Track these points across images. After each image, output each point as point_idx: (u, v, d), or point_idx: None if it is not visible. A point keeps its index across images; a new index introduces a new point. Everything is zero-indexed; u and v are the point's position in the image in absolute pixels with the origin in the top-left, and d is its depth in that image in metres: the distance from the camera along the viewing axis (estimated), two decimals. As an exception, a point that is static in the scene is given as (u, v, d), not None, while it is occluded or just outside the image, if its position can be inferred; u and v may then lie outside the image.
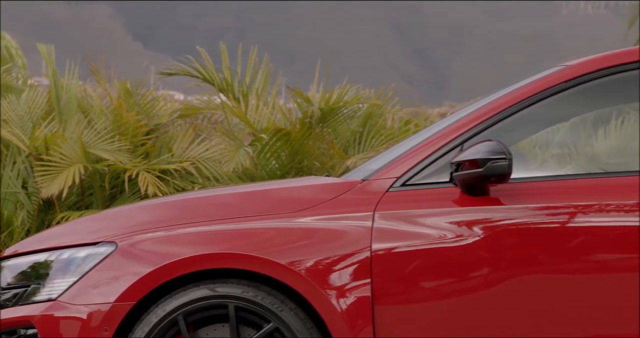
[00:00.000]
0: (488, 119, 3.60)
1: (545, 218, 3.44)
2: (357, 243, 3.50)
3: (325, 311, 3.47)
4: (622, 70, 3.57)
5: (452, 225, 3.48)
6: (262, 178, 7.33)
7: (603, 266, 3.40)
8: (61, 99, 7.51)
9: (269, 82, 7.73)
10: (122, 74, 7.77)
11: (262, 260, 3.50)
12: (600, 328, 3.39)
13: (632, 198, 3.40)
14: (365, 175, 3.67)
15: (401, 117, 7.96)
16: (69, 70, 7.66)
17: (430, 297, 3.46)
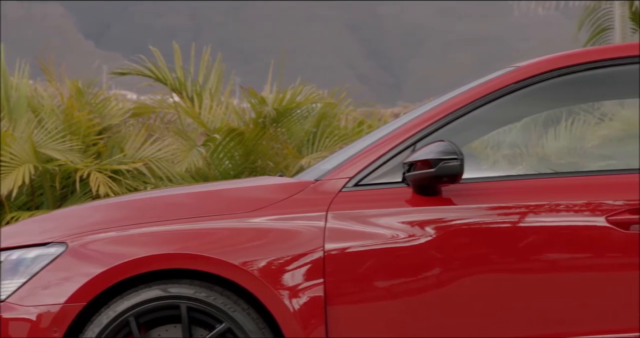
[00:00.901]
0: (440, 119, 3.61)
1: (496, 218, 3.46)
2: (309, 243, 3.50)
3: (277, 311, 3.47)
4: (571, 71, 3.61)
5: (404, 225, 3.49)
6: (215, 178, 7.31)
7: (553, 265, 3.43)
8: (11, 98, 7.44)
9: (223, 82, 7.72)
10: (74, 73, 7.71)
11: (215, 261, 3.49)
12: (551, 327, 3.42)
13: (581, 199, 3.44)
14: (318, 175, 3.67)
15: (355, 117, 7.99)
16: (19, 69, 7.59)
17: (382, 297, 3.47)
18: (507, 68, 3.77)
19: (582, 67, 3.60)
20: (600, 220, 3.42)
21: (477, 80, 3.77)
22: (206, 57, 7.53)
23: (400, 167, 3.57)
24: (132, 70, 7.43)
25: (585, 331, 3.41)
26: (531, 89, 3.62)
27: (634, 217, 3.42)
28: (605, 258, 3.42)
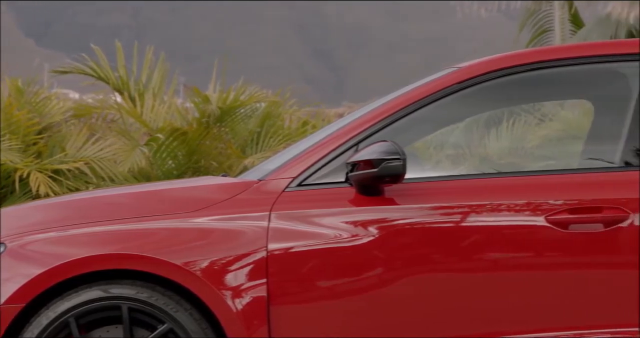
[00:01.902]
0: (383, 119, 3.63)
1: (438, 218, 3.48)
2: (253, 244, 3.49)
3: (220, 311, 3.46)
4: (512, 72, 3.64)
5: (347, 225, 3.50)
6: (158, 178, 7.27)
7: (494, 265, 3.45)
8: (-53, 96, 7.32)
9: (166, 82, 7.68)
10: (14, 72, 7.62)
11: (157, 261, 3.47)
12: (492, 326, 3.45)
13: (521, 198, 3.47)
14: (261, 175, 3.67)
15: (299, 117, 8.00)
16: (-43, 67, 7.47)
17: (325, 297, 3.47)
18: (449, 69, 3.80)
19: (522, 68, 3.64)
20: (540, 220, 3.45)
21: (420, 80, 3.79)
22: (149, 56, 7.48)
23: (344, 167, 3.57)
24: (74, 68, 7.36)
25: (525, 330, 3.44)
26: (473, 90, 3.65)
27: (573, 216, 3.46)
28: (544, 258, 3.46)
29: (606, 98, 3.79)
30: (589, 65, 3.66)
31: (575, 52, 3.68)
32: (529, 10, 13.25)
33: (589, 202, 3.46)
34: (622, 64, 3.66)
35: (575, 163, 3.93)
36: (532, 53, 3.72)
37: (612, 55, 3.65)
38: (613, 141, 3.57)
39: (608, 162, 3.58)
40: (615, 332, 3.42)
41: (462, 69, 3.69)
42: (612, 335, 3.42)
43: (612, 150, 3.57)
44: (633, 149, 3.54)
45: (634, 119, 3.56)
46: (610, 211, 3.45)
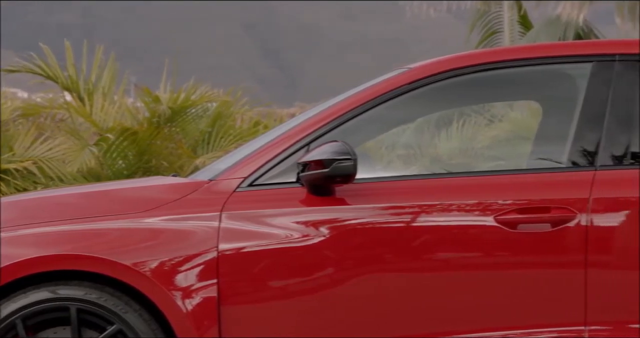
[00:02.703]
0: (334, 119, 3.63)
1: (389, 218, 3.49)
2: (203, 244, 3.48)
3: (170, 312, 3.44)
4: (461, 73, 3.67)
5: (298, 225, 3.50)
6: (108, 178, 7.22)
7: (445, 265, 3.48)
8: None
9: (116, 81, 7.63)
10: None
11: (106, 262, 3.44)
12: (442, 325, 3.47)
13: (472, 198, 3.49)
14: (212, 175, 3.66)
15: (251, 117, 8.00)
16: None
17: (276, 297, 3.47)
18: (400, 69, 3.81)
19: (472, 69, 3.67)
20: (489, 220, 3.48)
21: (371, 81, 3.80)
22: (99, 55, 7.43)
23: (295, 167, 3.58)
24: (22, 67, 7.28)
25: (475, 329, 3.46)
26: (424, 90, 3.67)
27: (521, 216, 3.49)
28: (493, 257, 3.48)
29: (554, 99, 3.83)
30: (537, 67, 3.69)
31: (523, 53, 3.71)
32: (478, 11, 13.35)
33: (537, 202, 3.49)
34: (569, 66, 3.70)
35: (524, 163, 3.96)
36: (481, 54, 3.75)
37: (559, 56, 3.69)
38: (560, 142, 3.61)
39: (556, 162, 3.62)
40: (562, 331, 3.46)
41: (413, 69, 3.71)
42: (559, 334, 3.46)
43: (559, 151, 3.61)
44: (580, 149, 3.58)
45: (581, 119, 3.60)
46: (558, 211, 3.48)
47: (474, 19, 13.38)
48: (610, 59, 3.62)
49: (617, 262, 3.46)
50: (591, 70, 3.62)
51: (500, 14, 13.38)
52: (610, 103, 3.59)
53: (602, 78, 3.61)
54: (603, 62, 3.62)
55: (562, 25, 12.59)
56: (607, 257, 3.46)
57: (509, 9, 13.31)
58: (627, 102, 3.59)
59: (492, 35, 13.44)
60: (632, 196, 3.49)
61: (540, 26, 12.99)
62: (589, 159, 3.56)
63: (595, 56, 3.64)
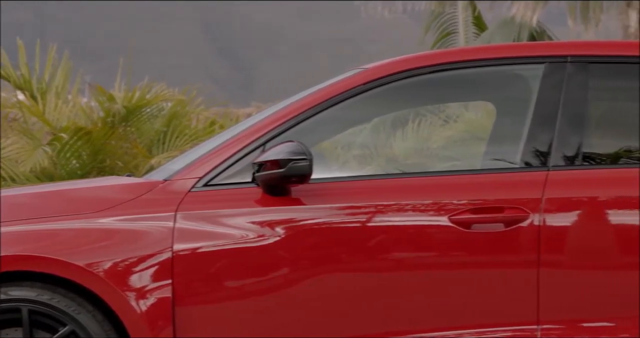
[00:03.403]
0: (290, 119, 3.63)
1: (345, 218, 3.50)
2: (158, 244, 3.47)
3: (124, 313, 3.43)
4: (416, 74, 3.68)
5: (253, 225, 3.49)
6: (61, 178, 7.17)
7: (400, 264, 3.49)
8: None
9: (70, 80, 7.57)
10: None
11: (58, 262, 3.42)
12: (398, 325, 3.48)
13: (427, 198, 3.51)
14: (167, 175, 3.64)
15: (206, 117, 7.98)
16: None
17: (232, 297, 3.46)
18: (355, 69, 3.82)
19: (427, 70, 3.68)
20: (444, 220, 3.50)
21: (327, 81, 3.81)
22: (52, 54, 7.37)
23: (251, 167, 3.57)
24: (-27, 66, 7.19)
25: (430, 328, 3.48)
26: (379, 91, 3.68)
27: (475, 216, 3.51)
28: (448, 257, 3.50)
29: (507, 100, 3.86)
30: (490, 68, 3.72)
31: (477, 54, 3.74)
32: (433, 12, 13.43)
33: (491, 202, 3.52)
34: (522, 67, 3.73)
35: (479, 163, 3.99)
36: (436, 55, 3.77)
37: (512, 57, 3.72)
38: (514, 142, 3.64)
39: (509, 162, 3.65)
40: (516, 330, 3.48)
41: (369, 70, 3.72)
42: (513, 333, 3.48)
43: (513, 151, 3.64)
44: (533, 150, 3.61)
45: (534, 120, 3.63)
46: (511, 211, 3.51)
47: (429, 20, 13.47)
48: (562, 60, 3.66)
49: (569, 262, 3.49)
50: (544, 72, 3.65)
51: (455, 15, 13.47)
52: (562, 104, 3.62)
53: (554, 79, 3.64)
54: (555, 64, 3.65)
55: (516, 27, 12.70)
56: (559, 256, 3.50)
57: (463, 10, 13.40)
58: (578, 103, 3.63)
59: (447, 36, 13.53)
60: (584, 196, 3.53)
61: (495, 27, 13.09)
62: (542, 159, 3.59)
63: (547, 57, 3.67)
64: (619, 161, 3.63)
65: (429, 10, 13.42)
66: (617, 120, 3.77)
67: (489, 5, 13.11)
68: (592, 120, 3.66)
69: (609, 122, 3.76)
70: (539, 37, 12.89)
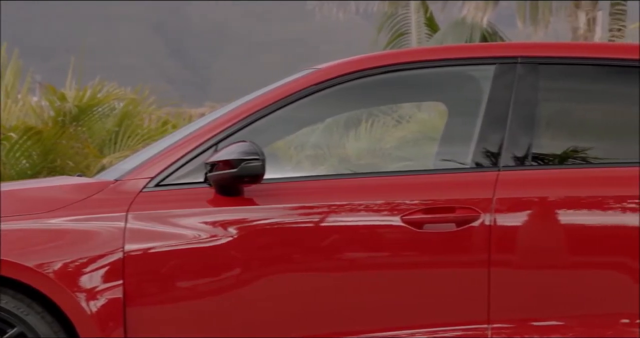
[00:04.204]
0: (243, 119, 3.63)
1: (298, 218, 3.50)
2: (109, 245, 3.44)
3: (74, 314, 3.40)
4: (368, 74, 3.69)
5: (206, 225, 3.48)
6: (11, 178, 7.09)
7: (352, 264, 3.49)
8: None
9: (20, 79, 7.49)
10: None
11: (7, 263, 3.38)
12: (352, 325, 3.48)
13: (379, 199, 3.52)
14: (118, 175, 3.62)
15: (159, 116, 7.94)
16: None
17: (183, 298, 3.45)
18: (308, 70, 3.83)
19: (379, 70, 3.69)
20: (396, 220, 3.51)
21: (280, 81, 3.81)
22: (1, 53, 7.28)
23: (203, 167, 3.56)
24: None
25: (382, 328, 3.49)
26: (332, 91, 3.69)
27: (427, 216, 3.53)
28: (400, 257, 3.51)
29: (459, 100, 3.89)
30: (442, 68, 3.74)
31: (429, 55, 3.76)
32: (386, 13, 13.49)
33: (443, 202, 3.53)
34: (474, 67, 3.75)
35: (431, 164, 4.01)
36: (389, 55, 3.79)
37: (464, 58, 3.74)
38: (465, 142, 3.66)
39: (461, 163, 3.67)
40: (467, 329, 3.50)
41: (321, 70, 3.72)
42: (464, 333, 3.50)
43: (464, 152, 3.66)
44: (484, 150, 3.64)
45: (484, 121, 3.65)
46: (463, 211, 3.53)
47: (382, 20, 13.52)
48: (512, 61, 3.69)
49: (520, 261, 3.52)
50: (494, 72, 3.68)
51: (408, 16, 13.54)
52: (513, 105, 3.65)
53: (504, 80, 3.67)
54: (505, 65, 3.68)
55: (468, 28, 12.79)
56: (509, 256, 3.52)
57: (415, 11, 13.48)
58: (529, 104, 3.66)
59: (399, 36, 13.59)
60: (534, 196, 3.56)
61: (447, 28, 13.17)
62: (493, 159, 3.61)
63: (498, 58, 3.70)
64: (568, 161, 3.66)
65: (382, 11, 13.48)
66: (566, 121, 3.81)
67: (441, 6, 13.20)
68: (542, 121, 3.70)
69: (559, 122, 3.80)
70: (491, 38, 12.99)
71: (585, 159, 3.66)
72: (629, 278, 3.48)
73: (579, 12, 12.61)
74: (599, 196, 3.53)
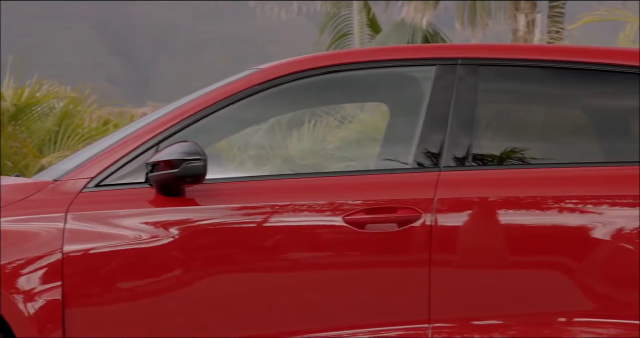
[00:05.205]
0: (184, 119, 3.61)
1: (240, 219, 3.49)
2: (47, 245, 3.41)
3: (11, 315, 3.35)
4: (310, 74, 3.69)
5: (146, 225, 3.46)
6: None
7: (295, 265, 3.49)
8: None
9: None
10: None
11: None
12: (294, 325, 3.48)
13: (322, 199, 3.52)
14: (57, 176, 3.58)
15: (100, 116, 7.88)
16: None
17: (124, 299, 3.42)
18: (251, 70, 3.82)
19: (321, 71, 3.70)
20: (338, 220, 3.51)
21: (222, 81, 3.79)
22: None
23: (144, 168, 3.53)
24: None
25: (325, 328, 3.49)
26: (275, 91, 3.68)
27: (369, 216, 3.54)
28: (342, 257, 3.52)
29: (400, 101, 3.90)
30: (384, 69, 3.75)
31: (371, 56, 3.77)
32: (328, 14, 13.54)
33: (385, 203, 3.55)
34: (415, 68, 3.77)
35: (373, 164, 4.02)
36: (331, 56, 3.79)
37: (405, 59, 3.76)
38: (407, 143, 3.68)
39: (402, 163, 3.69)
40: (408, 329, 3.52)
41: (264, 70, 3.72)
42: (405, 332, 3.52)
43: (406, 152, 3.67)
44: (425, 151, 3.66)
45: (426, 122, 3.67)
46: (404, 211, 3.54)
47: (324, 21, 13.57)
48: (452, 62, 3.71)
49: (460, 261, 3.55)
50: (435, 74, 3.70)
51: (350, 16, 13.60)
52: (453, 106, 3.67)
53: (445, 81, 3.69)
54: (446, 66, 3.70)
55: (410, 29, 12.89)
56: (450, 256, 3.54)
57: (358, 12, 13.55)
58: (469, 105, 3.68)
59: (342, 37, 13.65)
60: (475, 196, 3.59)
61: (389, 29, 13.26)
62: (434, 160, 3.64)
63: (438, 60, 3.72)
64: (508, 162, 3.70)
65: (325, 12, 13.52)
66: (506, 122, 3.85)
67: (383, 7, 13.28)
68: (483, 122, 3.73)
69: (499, 123, 3.83)
70: (432, 40, 13.09)
71: (524, 159, 3.70)
72: (566, 277, 3.52)
73: (518, 14, 12.77)
74: (538, 196, 3.56)
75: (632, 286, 3.51)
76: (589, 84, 3.73)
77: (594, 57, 3.72)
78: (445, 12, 13.23)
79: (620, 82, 3.71)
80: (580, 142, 3.77)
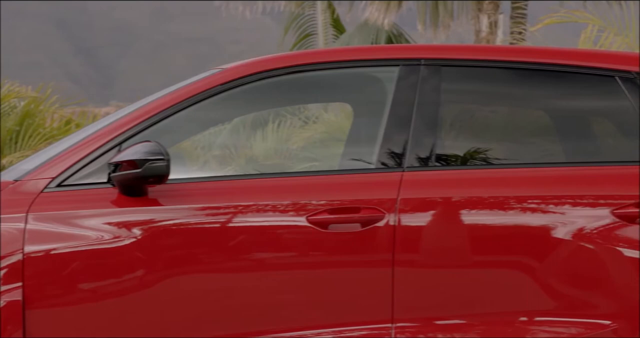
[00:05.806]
0: (147, 119, 3.59)
1: (203, 219, 3.48)
2: (7, 246, 3.38)
3: (-29, 317, 3.32)
4: (274, 74, 3.69)
5: (109, 226, 3.44)
6: None
7: (259, 265, 3.49)
8: None
9: None
10: None
11: None
12: (258, 325, 3.48)
13: (286, 199, 3.52)
14: (18, 176, 3.55)
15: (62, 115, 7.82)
16: None
17: (86, 300, 3.40)
18: (214, 69, 3.81)
19: (285, 71, 3.70)
20: (302, 220, 3.51)
21: (186, 80, 3.78)
22: None
23: (107, 168, 3.51)
24: None
25: (289, 328, 3.49)
26: (238, 91, 3.68)
27: (332, 216, 3.54)
28: (306, 257, 3.52)
29: (364, 101, 3.91)
30: (348, 69, 3.76)
31: (334, 56, 3.77)
32: (292, 13, 13.55)
33: (348, 203, 3.55)
34: (378, 69, 3.78)
35: (337, 164, 4.02)
36: (295, 56, 3.79)
37: (369, 60, 3.77)
38: (370, 143, 3.68)
39: (366, 163, 3.69)
40: (371, 329, 3.53)
41: (227, 70, 3.71)
42: (369, 332, 3.52)
43: (369, 152, 3.68)
44: (388, 151, 3.67)
45: (389, 122, 3.68)
46: (367, 211, 3.55)
47: (289, 21, 13.58)
48: (415, 63, 3.73)
49: (423, 261, 3.56)
50: (398, 74, 3.71)
51: (314, 16, 13.62)
52: (417, 106, 3.68)
53: (408, 82, 3.70)
54: (409, 66, 3.72)
55: (374, 29, 12.92)
56: (413, 256, 3.55)
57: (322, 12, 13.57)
58: (432, 105, 3.70)
59: (306, 37, 13.66)
60: (438, 196, 3.60)
61: (354, 29, 13.29)
62: (397, 160, 3.65)
63: (401, 60, 3.73)
64: (471, 162, 3.71)
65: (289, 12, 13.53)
66: (469, 122, 3.87)
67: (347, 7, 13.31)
68: (446, 122, 3.74)
69: (462, 124, 3.85)
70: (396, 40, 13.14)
71: (487, 159, 3.72)
72: (528, 277, 3.54)
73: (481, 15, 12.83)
74: (501, 196, 3.58)
75: (592, 285, 3.54)
76: (551, 85, 3.76)
77: (555, 58, 3.75)
78: (408, 13, 13.28)
79: (581, 83, 3.74)
80: (543, 142, 3.80)
